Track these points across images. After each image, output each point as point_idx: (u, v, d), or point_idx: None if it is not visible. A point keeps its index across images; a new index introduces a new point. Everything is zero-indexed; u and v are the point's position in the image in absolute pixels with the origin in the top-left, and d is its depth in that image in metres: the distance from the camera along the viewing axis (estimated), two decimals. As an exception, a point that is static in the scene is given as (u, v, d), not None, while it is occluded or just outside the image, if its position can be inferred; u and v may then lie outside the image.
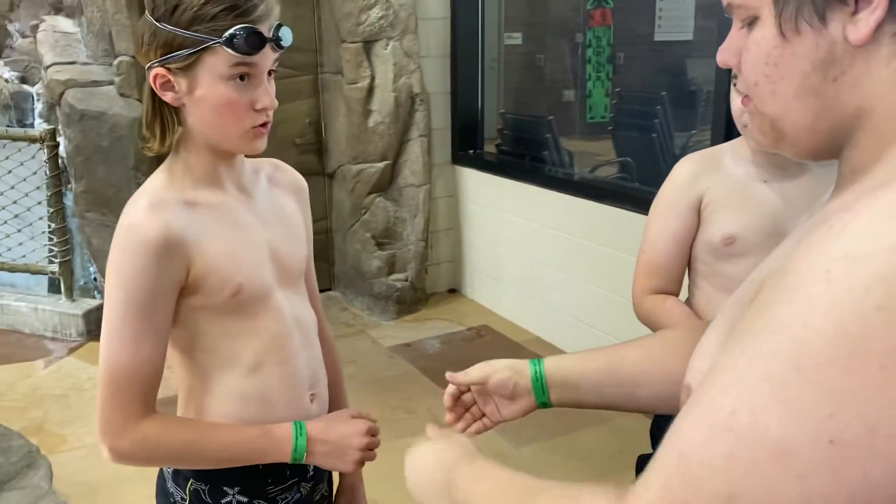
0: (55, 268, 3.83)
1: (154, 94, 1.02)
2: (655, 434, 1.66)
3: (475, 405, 1.05)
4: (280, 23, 1.03)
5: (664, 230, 1.54)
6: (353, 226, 4.10)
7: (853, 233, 0.46)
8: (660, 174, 4.36)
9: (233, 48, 0.97)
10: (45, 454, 2.71)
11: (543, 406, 1.00)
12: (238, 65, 0.99)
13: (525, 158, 4.07)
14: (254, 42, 0.97)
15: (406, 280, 4.11)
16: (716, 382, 0.50)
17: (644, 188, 3.68)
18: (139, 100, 3.53)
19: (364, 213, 4.06)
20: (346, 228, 4.15)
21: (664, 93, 4.27)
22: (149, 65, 1.01)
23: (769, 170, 1.47)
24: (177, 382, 1.15)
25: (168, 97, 1.02)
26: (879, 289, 0.44)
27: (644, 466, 1.75)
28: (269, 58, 1.02)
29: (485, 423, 1.05)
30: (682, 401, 0.65)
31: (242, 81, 1.00)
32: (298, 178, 1.26)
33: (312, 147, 4.24)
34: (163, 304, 1.02)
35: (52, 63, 3.60)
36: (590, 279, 3.43)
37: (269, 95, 1.03)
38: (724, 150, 1.54)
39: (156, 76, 1.00)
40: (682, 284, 1.59)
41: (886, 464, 0.43)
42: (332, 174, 4.22)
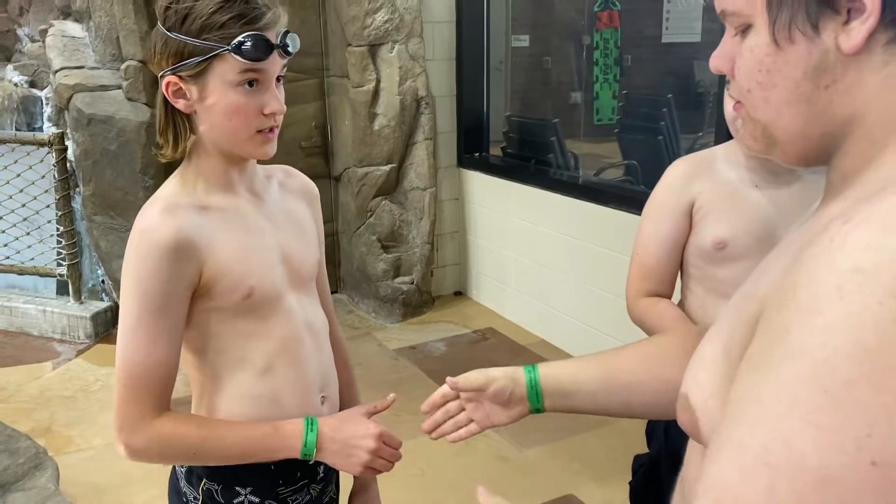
0: (63, 270, 3.86)
1: (167, 102, 1.05)
2: (650, 433, 1.67)
3: (461, 412, 1.05)
4: (287, 30, 1.05)
5: (656, 233, 1.54)
6: (359, 229, 4.11)
7: (857, 245, 0.46)
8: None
9: (241, 55, 0.99)
10: (53, 455, 2.73)
11: (536, 412, 1.01)
12: (247, 71, 1.01)
13: (531, 161, 4.08)
14: (261, 49, 1.00)
15: (412, 283, 4.12)
16: (740, 420, 0.49)
17: (649, 191, 3.68)
18: (146, 104, 3.56)
19: (370, 216, 4.08)
20: (352, 231, 4.16)
21: (670, 95, 4.27)
22: (161, 73, 1.04)
23: (762, 175, 1.46)
24: (190, 383, 1.17)
25: (180, 104, 1.04)
26: (893, 301, 0.44)
27: (639, 466, 1.75)
28: (277, 64, 1.05)
29: (471, 430, 1.06)
30: (678, 410, 0.65)
31: (251, 87, 1.03)
32: (309, 184, 1.28)
33: (318, 150, 4.26)
34: (177, 306, 1.04)
35: (61, 67, 3.63)
36: (595, 282, 3.43)
37: (278, 100, 1.06)
38: (717, 153, 1.54)
39: (168, 84, 1.03)
40: (676, 287, 1.59)
41: None
42: (338, 177, 4.23)
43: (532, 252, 3.86)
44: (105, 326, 3.87)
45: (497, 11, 4.35)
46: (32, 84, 4.07)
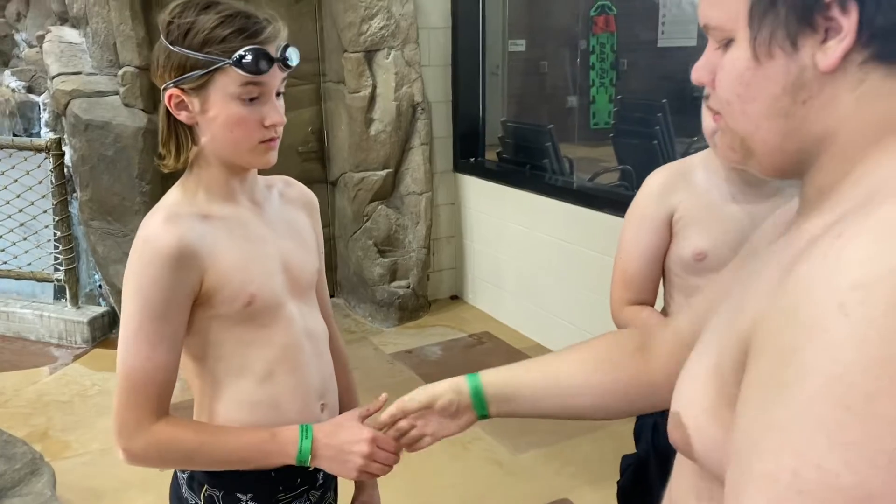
0: (61, 275, 3.87)
1: (169, 114, 1.08)
2: (637, 433, 1.68)
3: (412, 429, 1.08)
4: (287, 44, 1.08)
5: (637, 244, 1.55)
6: (356, 233, 4.13)
7: (852, 261, 0.46)
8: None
9: (242, 68, 1.02)
10: (49, 461, 2.73)
11: (483, 418, 1.04)
12: (247, 84, 1.04)
13: (526, 167, 4.09)
14: (262, 62, 1.03)
15: (408, 287, 4.14)
16: (762, 450, 0.47)
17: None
18: (144, 110, 3.58)
19: (366, 221, 4.09)
20: (349, 236, 4.18)
21: (665, 100, 4.28)
22: (164, 86, 1.06)
23: (739, 187, 1.47)
24: (191, 389, 1.19)
25: (182, 116, 1.07)
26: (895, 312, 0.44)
27: (628, 467, 1.76)
28: (277, 77, 1.07)
29: (423, 444, 1.10)
30: (670, 428, 0.64)
31: (252, 101, 1.05)
32: (309, 194, 1.31)
33: (315, 155, 4.28)
34: (177, 313, 1.06)
35: (58, 73, 3.64)
36: (589, 287, 3.45)
37: (278, 112, 1.08)
38: (695, 163, 1.54)
39: (170, 96, 1.05)
40: (659, 293, 1.61)
41: None
42: (335, 182, 4.25)
43: (528, 256, 3.88)
44: (102, 331, 3.88)
45: (493, 17, 4.37)
46: (30, 89, 4.08)
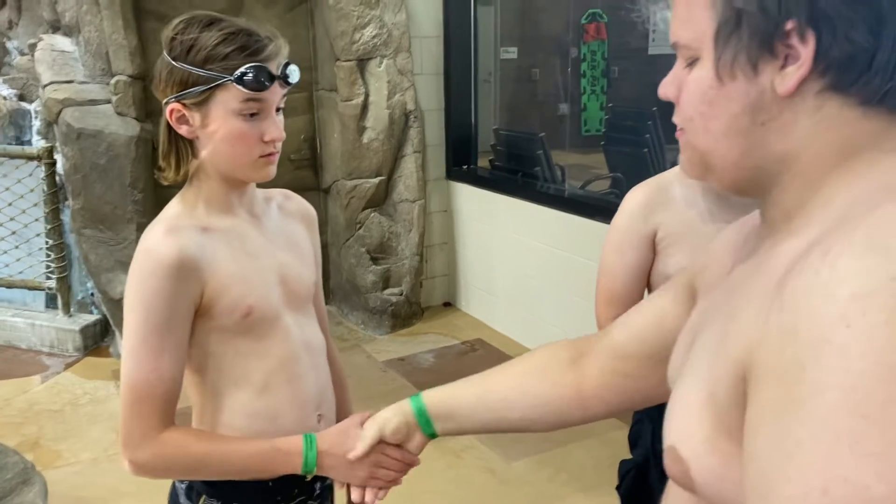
0: (52, 284, 3.86)
1: (170, 128, 1.09)
2: (634, 439, 1.69)
3: (389, 459, 1.08)
4: (288, 61, 1.10)
5: (621, 262, 1.54)
6: (348, 241, 4.13)
7: (847, 273, 0.47)
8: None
9: (243, 85, 1.04)
10: (41, 470, 2.72)
11: (432, 437, 1.04)
12: (248, 101, 1.06)
13: (518, 174, 4.11)
14: (263, 79, 1.05)
15: (401, 294, 4.15)
16: (785, 472, 0.46)
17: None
18: (136, 118, 3.58)
19: (359, 228, 4.10)
20: (341, 243, 4.18)
21: (655, 108, 4.31)
22: (165, 100, 1.08)
23: (715, 201, 1.45)
24: (191, 400, 1.19)
25: (183, 130, 1.09)
26: None
27: (626, 472, 1.76)
28: (278, 94, 1.09)
29: (408, 467, 1.10)
30: (667, 462, 0.64)
31: (252, 117, 1.07)
32: (308, 207, 1.32)
33: (307, 163, 4.29)
34: (180, 323, 1.08)
35: (50, 82, 3.64)
36: (581, 293, 3.46)
37: (278, 128, 1.10)
38: (671, 179, 1.52)
39: (172, 111, 1.07)
40: None
41: None
42: (327, 189, 4.26)
43: (520, 263, 3.90)
44: (94, 339, 3.87)
45: (485, 25, 4.40)
46: (21, 97, 4.07)
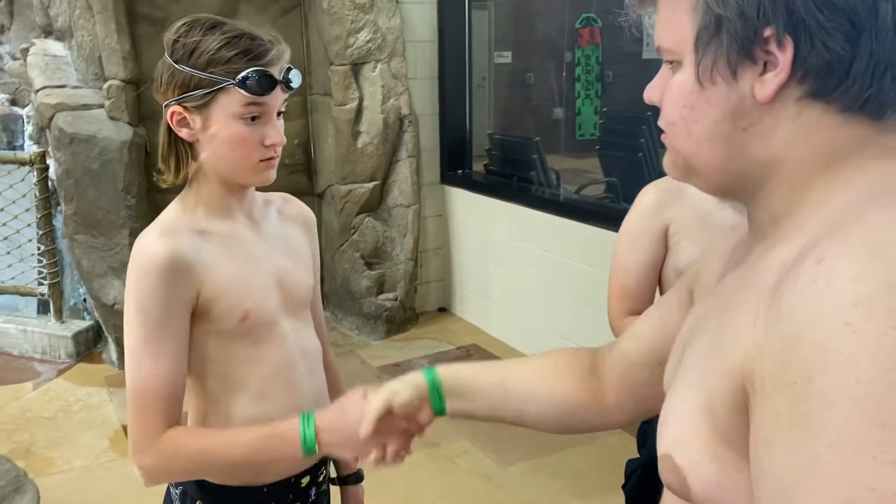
0: (44, 289, 3.83)
1: (170, 131, 1.09)
2: (642, 438, 1.69)
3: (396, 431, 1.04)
4: (290, 66, 1.10)
5: (633, 258, 1.57)
6: (343, 246, 4.12)
7: (845, 280, 0.46)
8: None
9: (246, 89, 1.04)
10: (33, 478, 2.69)
11: (440, 414, 1.01)
12: (250, 104, 1.06)
13: (513, 179, 4.11)
14: (265, 84, 1.05)
15: (395, 299, 4.13)
16: (807, 489, 0.45)
17: (629, 208, 3.72)
18: (129, 123, 3.56)
19: (353, 233, 4.09)
20: (336, 248, 4.17)
21: (649, 113, 4.32)
22: (166, 103, 1.08)
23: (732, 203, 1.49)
24: (187, 405, 1.18)
25: (183, 133, 1.08)
26: None
27: (633, 472, 1.74)
28: (279, 98, 1.09)
29: (403, 454, 1.05)
30: (663, 471, 0.64)
31: (254, 121, 1.07)
32: (307, 211, 1.32)
33: (301, 167, 4.27)
34: (177, 324, 1.07)
35: (43, 86, 3.62)
36: (577, 298, 3.46)
37: (278, 133, 1.10)
38: None
39: (172, 113, 1.07)
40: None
41: None
42: (322, 194, 4.24)
43: (515, 268, 3.89)
44: (86, 346, 3.85)
45: (479, 29, 4.41)
46: (13, 102, 4.06)
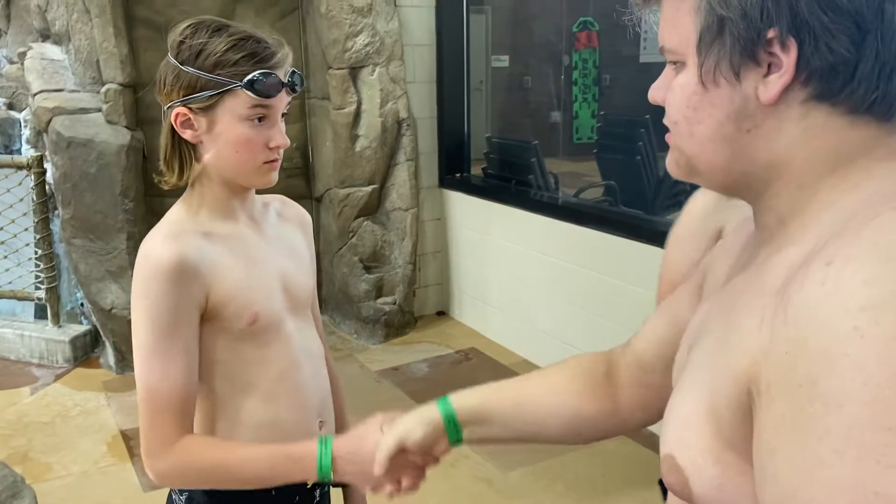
0: (42, 294, 3.82)
1: (173, 132, 1.09)
2: None
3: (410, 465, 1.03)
4: (294, 69, 1.11)
5: (683, 255, 1.56)
6: (341, 249, 4.11)
7: (854, 283, 0.46)
8: (643, 197, 4.38)
9: (253, 91, 1.05)
10: (31, 483, 2.68)
11: (457, 443, 1.00)
12: (256, 106, 1.07)
13: (511, 182, 4.11)
14: (272, 86, 1.06)
15: (394, 303, 4.13)
16: (812, 493, 0.46)
17: (628, 211, 3.72)
18: (127, 127, 3.55)
19: (351, 237, 4.08)
20: (334, 252, 4.16)
21: (648, 116, 4.32)
22: (169, 104, 1.08)
23: None
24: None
25: (187, 135, 1.09)
26: None
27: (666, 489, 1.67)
28: (284, 101, 1.10)
29: (427, 469, 1.05)
30: (665, 472, 0.63)
31: (259, 122, 1.08)
32: (304, 213, 1.33)
33: (299, 171, 4.27)
34: (186, 327, 1.07)
35: (40, 90, 3.61)
36: (575, 302, 3.46)
37: (283, 135, 1.11)
38: None
39: (177, 115, 1.07)
40: None
41: None
42: (320, 198, 4.24)
43: (513, 272, 3.89)
44: (84, 350, 3.84)
45: (476, 33, 4.40)
46: (10, 106, 4.04)
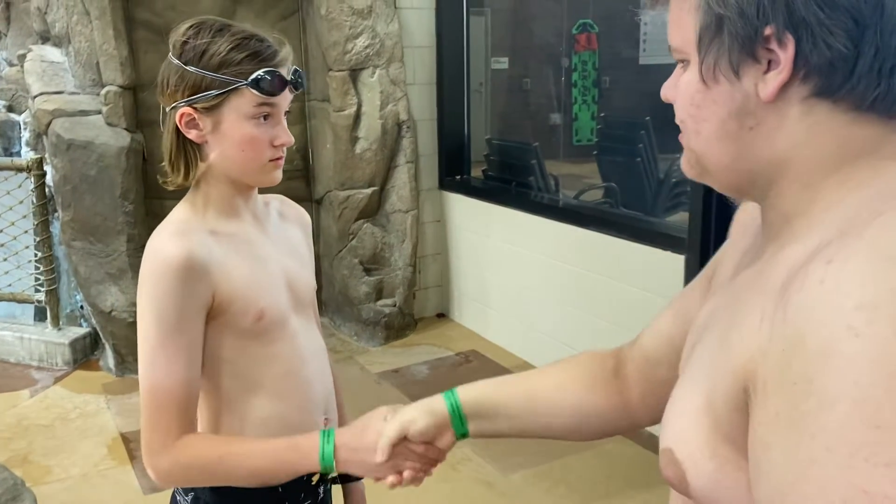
0: (41, 296, 3.81)
1: (178, 133, 1.09)
2: None
3: (414, 456, 1.02)
4: (296, 67, 1.12)
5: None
6: (341, 252, 4.11)
7: (852, 283, 0.47)
8: (644, 199, 4.37)
9: (258, 90, 1.06)
10: (31, 486, 2.68)
11: (463, 437, 0.99)
12: (261, 105, 1.08)
13: (511, 184, 4.11)
14: (277, 84, 1.07)
15: (394, 305, 4.12)
16: (803, 489, 0.46)
17: (628, 213, 3.72)
18: (127, 129, 3.55)
19: (352, 239, 4.08)
20: (334, 254, 4.16)
21: (648, 118, 4.32)
22: (174, 105, 1.08)
23: None
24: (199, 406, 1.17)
25: (192, 134, 1.09)
26: None
27: None
28: (287, 99, 1.12)
29: (435, 462, 1.04)
30: (663, 465, 0.64)
31: (264, 120, 1.09)
32: (303, 213, 1.35)
33: (300, 173, 4.26)
34: (192, 326, 1.07)
35: (40, 92, 3.61)
36: (575, 304, 3.45)
37: (287, 133, 1.12)
38: None
39: (182, 115, 1.07)
40: None
41: None
42: (320, 200, 4.24)
43: (514, 274, 3.88)
44: (83, 353, 3.83)
45: (476, 35, 4.41)
46: (10, 108, 4.04)
